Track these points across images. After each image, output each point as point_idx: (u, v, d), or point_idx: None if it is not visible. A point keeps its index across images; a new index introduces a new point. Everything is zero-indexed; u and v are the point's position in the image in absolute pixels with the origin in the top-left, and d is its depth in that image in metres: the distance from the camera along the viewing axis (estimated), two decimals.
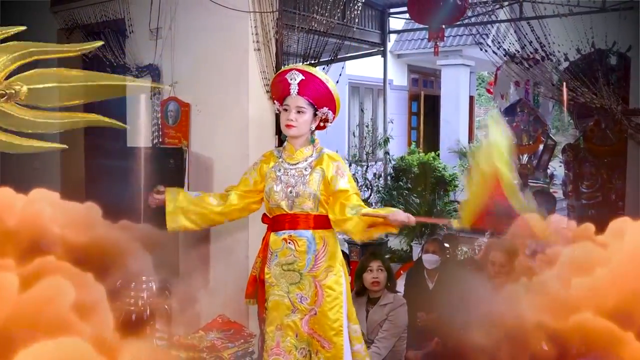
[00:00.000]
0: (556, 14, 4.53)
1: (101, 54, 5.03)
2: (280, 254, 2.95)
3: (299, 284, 2.92)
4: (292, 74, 2.89)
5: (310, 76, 2.89)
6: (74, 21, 5.27)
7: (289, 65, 3.18)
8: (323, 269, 2.92)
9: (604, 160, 5.84)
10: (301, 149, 2.99)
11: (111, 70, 4.99)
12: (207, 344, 3.78)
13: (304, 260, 2.90)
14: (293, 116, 2.89)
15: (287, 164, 2.99)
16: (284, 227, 2.95)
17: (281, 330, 2.93)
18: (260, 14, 4.14)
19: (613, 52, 4.96)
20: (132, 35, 4.84)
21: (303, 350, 2.93)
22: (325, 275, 2.92)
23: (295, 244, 2.91)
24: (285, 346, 2.92)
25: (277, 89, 3.01)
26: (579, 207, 6.02)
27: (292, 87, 2.88)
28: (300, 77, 2.87)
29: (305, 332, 2.92)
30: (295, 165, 2.97)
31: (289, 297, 2.94)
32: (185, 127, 4.57)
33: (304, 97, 2.89)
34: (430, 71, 12.11)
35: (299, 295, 2.92)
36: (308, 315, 2.91)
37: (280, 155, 3.05)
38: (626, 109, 4.01)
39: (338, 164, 2.95)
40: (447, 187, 8.97)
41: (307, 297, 2.91)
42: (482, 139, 1.80)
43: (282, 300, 2.95)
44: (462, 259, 4.76)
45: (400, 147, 10.71)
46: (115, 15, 4.91)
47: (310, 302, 2.91)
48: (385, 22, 8.61)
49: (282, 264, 2.94)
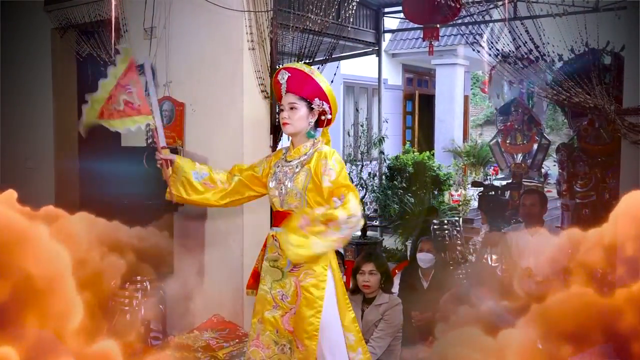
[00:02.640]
0: (550, 13, 4.53)
1: (95, 53, 5.02)
2: (269, 250, 3.00)
3: (281, 282, 2.93)
4: (281, 74, 2.96)
5: (295, 71, 2.94)
6: (68, 20, 5.26)
7: (280, 67, 3.25)
8: (303, 270, 2.89)
9: (598, 159, 5.86)
10: (299, 147, 3.00)
11: (105, 69, 4.97)
12: (202, 344, 3.78)
13: (285, 259, 2.88)
14: (286, 114, 2.94)
15: (284, 161, 3.03)
16: (276, 223, 2.99)
17: (262, 324, 2.96)
18: (255, 14, 4.14)
19: (607, 52, 4.98)
20: (126, 34, 4.82)
21: (284, 346, 2.93)
22: (305, 277, 2.89)
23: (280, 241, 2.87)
24: (264, 340, 2.95)
25: (275, 91, 3.07)
26: (573, 206, 6.04)
27: (282, 86, 2.96)
28: (287, 74, 2.93)
29: (285, 329, 2.92)
30: (290, 162, 2.99)
31: (271, 293, 2.96)
32: (179, 126, 4.56)
33: (293, 93, 2.94)
34: (425, 70, 12.13)
35: (280, 292, 2.93)
36: (288, 313, 2.91)
37: (285, 152, 3.09)
38: (620, 109, 4.02)
39: (325, 161, 2.85)
40: (442, 186, 8.99)
41: (288, 295, 2.91)
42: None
43: (265, 295, 2.98)
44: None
45: (395, 147, 10.72)
46: (109, 14, 4.90)
47: (291, 300, 2.90)
48: (380, 22, 8.63)
49: (270, 259, 2.98)
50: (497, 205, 6.94)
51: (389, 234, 8.53)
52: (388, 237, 8.45)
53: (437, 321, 3.88)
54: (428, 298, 4.30)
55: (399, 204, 8.33)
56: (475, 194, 8.42)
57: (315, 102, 2.95)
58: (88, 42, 5.08)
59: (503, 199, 7.24)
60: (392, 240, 8.26)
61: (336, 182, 2.79)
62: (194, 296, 4.19)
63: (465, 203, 8.87)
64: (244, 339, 3.85)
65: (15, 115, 5.78)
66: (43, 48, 5.60)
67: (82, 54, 5.21)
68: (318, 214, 2.59)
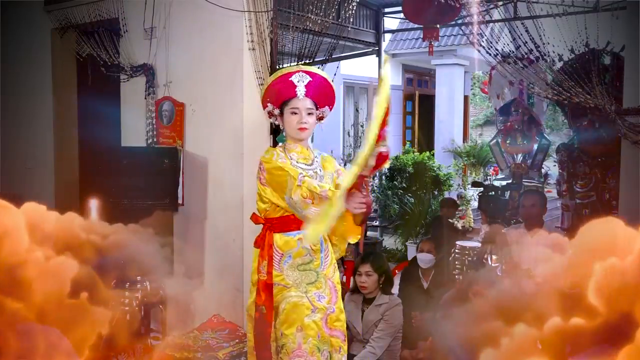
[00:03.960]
0: (550, 14, 4.53)
1: (95, 53, 5.02)
2: (294, 255, 2.90)
3: (316, 283, 2.91)
4: (299, 76, 2.85)
5: (317, 77, 2.89)
6: (68, 20, 5.26)
7: (289, 67, 3.10)
8: (330, 266, 2.97)
9: (598, 159, 5.85)
10: (305, 150, 2.97)
11: (105, 69, 4.98)
12: (202, 344, 3.78)
13: (319, 259, 2.92)
14: (305, 118, 2.86)
15: (303, 165, 2.91)
16: (294, 227, 2.87)
17: (302, 332, 2.85)
18: (255, 14, 4.14)
19: (607, 52, 4.98)
20: (127, 34, 4.83)
21: (325, 351, 2.88)
22: (333, 272, 2.98)
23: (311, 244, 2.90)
24: (308, 347, 2.84)
25: (277, 91, 2.90)
26: (573, 206, 6.03)
27: (299, 89, 2.84)
28: (307, 78, 2.85)
29: (326, 333, 2.88)
30: (311, 165, 2.93)
31: (307, 297, 2.88)
32: (179, 126, 4.56)
33: (311, 99, 2.88)
34: (425, 71, 12.11)
35: (317, 294, 2.89)
36: (326, 314, 2.89)
37: (288, 155, 2.91)
38: (620, 109, 4.02)
39: (338, 166, 3.04)
40: (442, 187, 8.98)
41: (325, 295, 2.91)
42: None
43: (300, 301, 2.87)
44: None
45: (395, 147, 10.71)
46: (110, 14, 4.90)
47: (328, 300, 2.90)
48: (380, 22, 8.61)
49: (298, 264, 2.90)
50: (497, 205, 6.94)
51: (389, 234, 8.53)
52: (388, 237, 8.45)
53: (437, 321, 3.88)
54: (428, 298, 4.30)
55: (399, 204, 8.33)
56: (475, 194, 8.41)
57: (323, 109, 2.97)
58: (88, 42, 5.09)
59: (503, 199, 7.24)
60: (392, 241, 8.26)
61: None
62: (194, 296, 4.19)
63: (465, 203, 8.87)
64: (244, 339, 3.85)
65: (15, 115, 5.78)
66: (43, 48, 5.61)
67: (82, 54, 5.21)
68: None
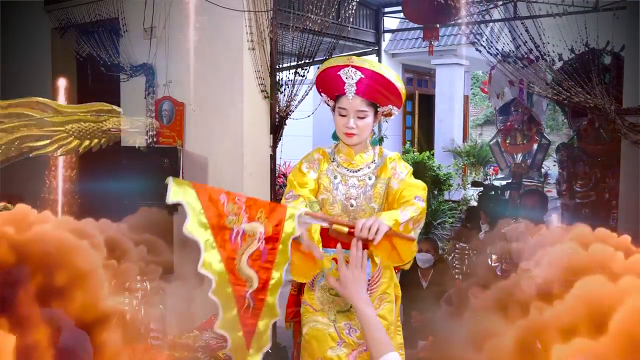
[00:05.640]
0: (550, 13, 4.54)
1: (95, 53, 5.02)
2: (326, 277, 2.37)
3: (348, 313, 2.47)
4: (347, 72, 2.35)
5: (371, 73, 2.35)
6: (68, 20, 5.26)
7: (338, 58, 2.50)
8: (377, 296, 2.48)
9: (598, 159, 5.86)
10: (361, 153, 2.54)
11: (105, 69, 4.98)
12: (202, 344, 3.77)
13: None
14: (353, 123, 2.41)
15: (345, 170, 2.53)
16: (333, 244, 2.32)
17: None
18: (255, 13, 4.14)
19: (607, 52, 4.98)
20: (126, 34, 4.83)
21: None
22: (379, 303, 2.48)
23: None
24: None
25: (326, 83, 2.48)
26: (573, 206, 6.03)
27: (348, 88, 2.37)
28: (358, 75, 2.34)
29: None
30: (357, 172, 2.52)
31: (335, 327, 2.48)
32: (179, 126, 4.56)
33: (363, 98, 2.39)
34: (425, 70, 12.11)
35: (347, 325, 2.48)
36: (357, 350, 2.45)
37: (334, 157, 2.57)
38: (620, 108, 4.02)
39: (394, 164, 2.53)
40: (442, 187, 8.98)
41: (357, 328, 2.44)
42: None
43: (325, 329, 2.48)
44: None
45: (395, 147, 10.71)
46: (109, 14, 4.91)
47: (360, 335, 2.42)
48: (380, 22, 8.63)
49: (330, 287, 2.48)
50: (497, 205, 6.94)
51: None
52: None
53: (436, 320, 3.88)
54: (427, 298, 4.30)
55: None
56: (475, 194, 8.41)
57: (385, 108, 2.47)
58: (88, 42, 5.09)
59: (503, 199, 7.24)
60: None
61: (404, 183, 2.47)
62: (194, 296, 4.19)
63: (465, 203, 8.87)
64: None
65: None
66: (43, 48, 5.60)
67: (82, 54, 5.21)
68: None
